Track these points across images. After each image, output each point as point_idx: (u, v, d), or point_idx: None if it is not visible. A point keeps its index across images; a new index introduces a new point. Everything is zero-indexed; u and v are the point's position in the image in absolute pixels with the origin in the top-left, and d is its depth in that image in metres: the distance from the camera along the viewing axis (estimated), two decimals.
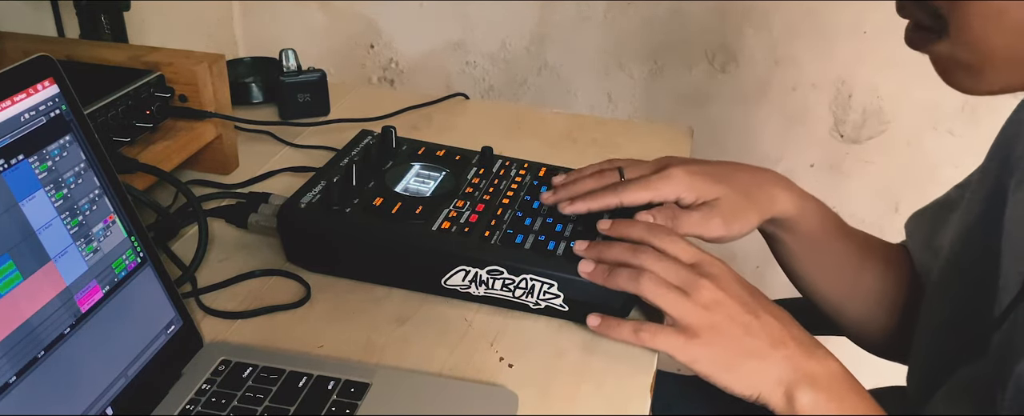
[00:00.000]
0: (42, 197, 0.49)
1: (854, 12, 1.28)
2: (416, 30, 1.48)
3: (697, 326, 0.57)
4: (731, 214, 0.66)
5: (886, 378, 0.84)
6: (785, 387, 0.55)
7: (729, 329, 0.56)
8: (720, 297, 0.57)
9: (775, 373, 0.55)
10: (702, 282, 0.58)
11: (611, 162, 0.73)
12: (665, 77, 1.41)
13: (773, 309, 0.59)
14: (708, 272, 0.59)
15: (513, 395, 0.58)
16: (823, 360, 0.56)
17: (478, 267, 0.65)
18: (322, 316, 0.66)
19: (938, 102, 1.31)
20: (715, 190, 0.66)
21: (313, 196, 0.70)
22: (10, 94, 0.48)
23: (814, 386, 0.55)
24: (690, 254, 0.60)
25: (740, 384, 0.56)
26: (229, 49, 1.48)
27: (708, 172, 0.67)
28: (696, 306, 0.57)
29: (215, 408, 0.54)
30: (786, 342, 0.56)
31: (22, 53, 0.65)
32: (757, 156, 1.43)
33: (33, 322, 0.47)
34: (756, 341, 0.56)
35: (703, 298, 0.57)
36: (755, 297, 0.59)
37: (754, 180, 0.69)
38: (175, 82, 0.81)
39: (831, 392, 0.55)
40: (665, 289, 0.58)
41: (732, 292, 0.58)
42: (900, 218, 0.90)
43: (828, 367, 0.56)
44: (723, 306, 0.57)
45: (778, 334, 0.57)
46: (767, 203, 0.68)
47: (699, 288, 0.57)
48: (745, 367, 0.56)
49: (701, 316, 0.57)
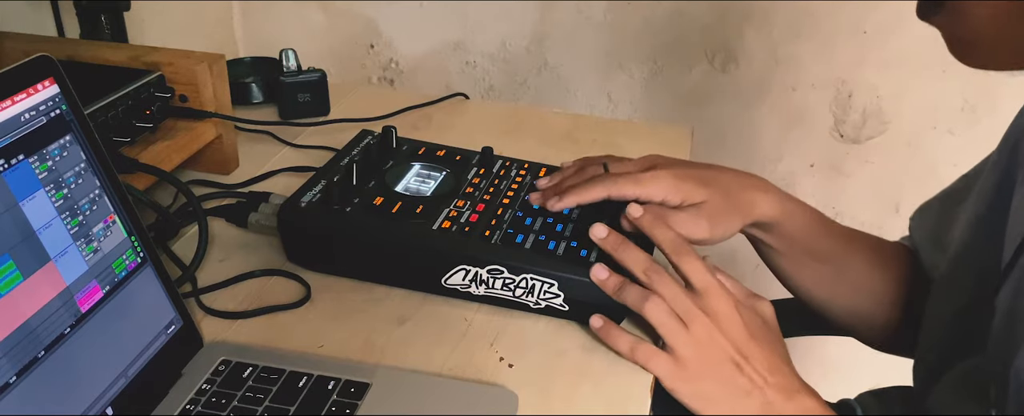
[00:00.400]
0: (42, 197, 0.49)
1: (854, 12, 1.28)
2: (416, 30, 1.48)
3: (688, 359, 0.59)
4: (715, 217, 0.67)
5: (890, 378, 0.84)
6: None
7: (717, 368, 0.59)
8: (715, 335, 0.59)
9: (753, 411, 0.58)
10: (702, 318, 0.60)
11: (590, 159, 0.74)
12: (665, 77, 1.41)
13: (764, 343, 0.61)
14: (711, 307, 0.60)
15: (513, 395, 0.58)
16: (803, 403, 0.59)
17: (478, 267, 0.65)
18: (322, 316, 0.66)
19: (938, 102, 1.31)
20: (701, 193, 0.67)
21: (313, 196, 0.70)
22: (10, 94, 0.48)
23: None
24: (702, 281, 0.61)
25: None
26: (229, 49, 1.48)
27: (694, 175, 0.68)
28: (691, 339, 0.59)
29: (215, 408, 0.54)
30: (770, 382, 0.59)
31: (22, 53, 0.65)
32: (757, 156, 1.43)
33: (33, 322, 0.47)
34: (742, 380, 0.59)
35: (699, 333, 0.60)
36: (751, 335, 0.60)
37: (737, 184, 0.70)
38: (175, 82, 0.81)
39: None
40: (667, 317, 0.60)
41: (729, 331, 0.60)
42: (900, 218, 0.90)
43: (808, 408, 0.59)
44: (717, 344, 0.59)
45: (763, 373, 0.59)
46: (749, 207, 0.69)
47: (697, 323, 0.60)
48: (726, 402, 0.59)
49: (694, 351, 0.59)
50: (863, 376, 0.95)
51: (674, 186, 0.66)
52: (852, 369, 1.17)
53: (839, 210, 1.44)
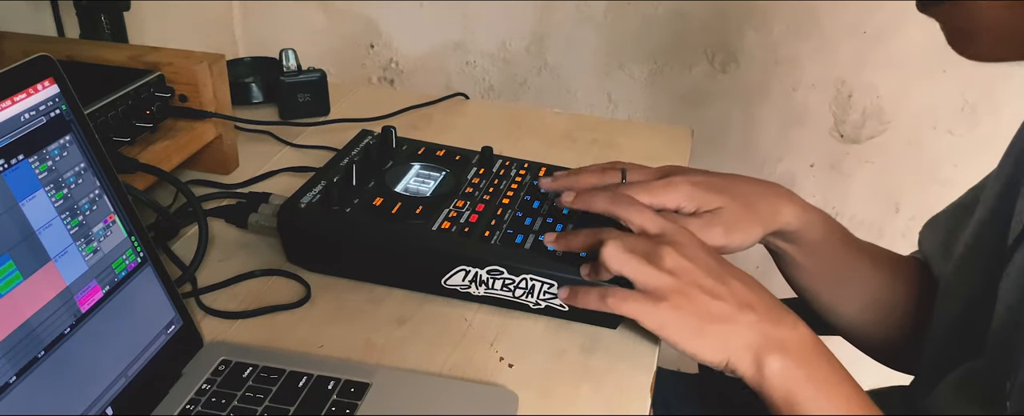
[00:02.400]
0: (42, 197, 0.49)
1: (854, 12, 1.28)
2: (416, 30, 1.48)
3: (663, 290, 0.57)
4: (732, 224, 0.66)
5: (890, 378, 0.84)
6: (754, 353, 0.55)
7: (695, 294, 0.56)
8: (684, 263, 0.57)
9: (743, 338, 0.55)
10: (665, 249, 0.58)
11: (615, 164, 0.73)
12: (665, 77, 1.41)
13: (740, 275, 0.59)
14: (672, 240, 0.59)
15: (513, 395, 0.58)
16: (793, 326, 0.56)
17: (478, 267, 0.65)
18: (322, 316, 0.66)
19: (938, 102, 1.31)
20: (716, 200, 0.66)
21: (313, 196, 0.70)
22: (10, 94, 0.48)
23: (784, 352, 0.55)
24: (655, 224, 0.61)
25: (708, 350, 0.56)
26: (229, 49, 1.48)
27: (710, 183, 0.67)
28: (661, 272, 0.57)
29: (215, 408, 0.54)
30: (754, 306, 0.56)
31: (22, 53, 0.65)
32: (757, 156, 1.43)
33: (33, 322, 0.47)
34: (723, 305, 0.56)
35: (667, 264, 0.57)
36: (721, 264, 0.59)
37: (758, 192, 0.69)
38: (175, 82, 0.81)
39: (801, 359, 0.55)
40: (628, 256, 0.58)
41: (697, 258, 0.58)
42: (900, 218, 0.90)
43: (798, 333, 0.56)
44: (688, 271, 0.57)
45: (746, 298, 0.57)
46: (771, 215, 0.68)
47: (662, 255, 0.57)
48: (712, 331, 0.56)
49: (666, 281, 0.57)
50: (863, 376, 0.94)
51: (688, 193, 0.66)
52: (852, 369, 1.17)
53: (839, 210, 1.44)
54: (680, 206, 0.66)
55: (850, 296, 0.75)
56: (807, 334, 0.56)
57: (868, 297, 0.75)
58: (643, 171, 0.71)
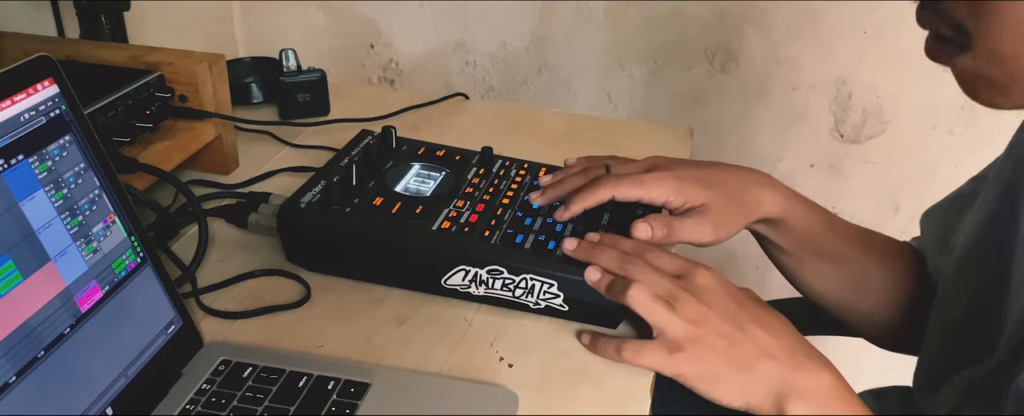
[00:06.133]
0: (42, 197, 0.49)
1: (854, 12, 1.28)
2: (416, 30, 1.48)
3: (681, 340, 0.57)
4: (719, 219, 0.66)
5: (890, 378, 0.84)
6: (774, 400, 0.55)
7: (714, 342, 0.57)
8: (704, 310, 0.58)
9: (763, 385, 0.56)
10: (687, 296, 0.58)
11: (593, 159, 0.73)
12: (665, 77, 1.41)
13: (763, 319, 0.59)
14: (695, 285, 0.59)
15: (513, 395, 0.58)
16: (814, 372, 0.56)
17: (478, 267, 0.65)
18: (322, 316, 0.66)
19: (938, 102, 1.31)
20: (703, 195, 0.66)
21: (313, 196, 0.70)
22: (10, 94, 0.48)
23: (804, 400, 0.55)
24: (677, 266, 0.61)
25: (727, 396, 0.56)
26: (229, 49, 1.48)
27: (696, 177, 0.67)
28: (681, 320, 0.57)
29: (215, 408, 0.54)
30: (774, 354, 0.56)
31: (22, 53, 0.65)
32: (757, 156, 1.43)
33: (33, 322, 0.47)
34: (742, 352, 0.56)
35: (688, 312, 0.58)
36: (743, 308, 0.59)
37: (740, 182, 0.69)
38: (175, 82, 0.81)
39: (822, 406, 0.55)
40: (653, 302, 0.58)
41: (718, 305, 0.58)
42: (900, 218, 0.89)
43: (819, 379, 0.56)
44: (708, 319, 0.57)
45: (766, 346, 0.57)
46: (753, 205, 0.68)
47: (684, 301, 0.58)
48: (731, 379, 0.56)
49: (686, 330, 0.57)
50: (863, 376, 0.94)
51: (676, 188, 0.66)
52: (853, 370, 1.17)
53: (839, 210, 1.44)
54: (668, 201, 0.66)
55: (837, 280, 0.76)
56: (829, 380, 0.56)
57: (855, 280, 0.76)
58: (627, 164, 0.71)
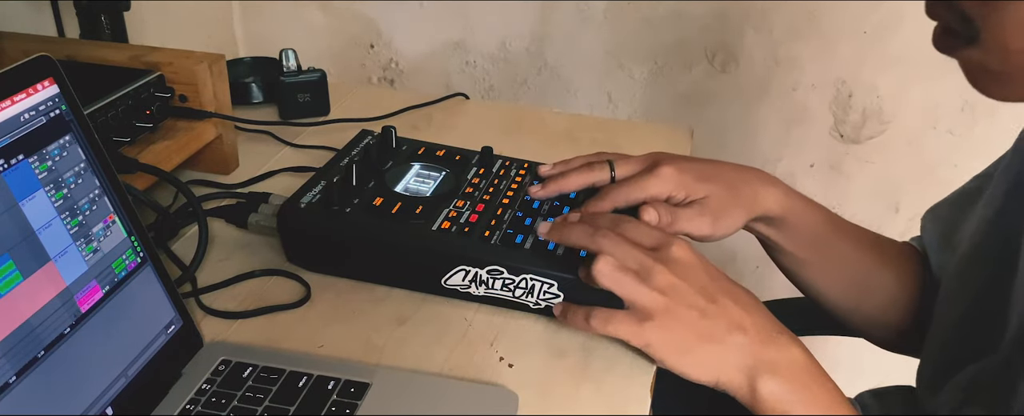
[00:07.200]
0: (42, 197, 0.49)
1: (854, 12, 1.28)
2: (416, 30, 1.48)
3: (651, 309, 0.56)
4: (719, 212, 0.66)
5: (892, 378, 0.84)
6: (746, 374, 0.55)
7: (684, 313, 0.56)
8: (676, 282, 0.57)
9: (733, 359, 0.55)
10: (658, 267, 0.57)
11: (600, 155, 0.73)
12: (665, 77, 1.41)
13: (735, 294, 0.58)
14: (668, 257, 0.58)
15: (513, 395, 0.58)
16: (785, 347, 0.56)
17: (478, 267, 0.65)
18: (322, 316, 0.66)
19: (938, 102, 1.31)
20: (704, 188, 0.66)
21: (313, 196, 0.70)
22: (10, 94, 0.48)
23: (775, 374, 0.54)
24: (654, 239, 0.60)
25: (696, 369, 0.56)
26: (229, 49, 1.48)
27: (697, 170, 0.67)
28: (651, 290, 0.57)
29: (215, 408, 0.54)
30: (745, 327, 0.56)
31: (22, 53, 0.65)
32: (757, 156, 1.43)
33: (33, 322, 0.47)
34: (713, 325, 0.56)
35: (658, 282, 0.57)
36: (716, 281, 0.58)
37: (741, 178, 0.69)
38: (175, 82, 0.81)
39: (794, 381, 0.55)
40: (621, 274, 0.57)
41: (690, 276, 0.57)
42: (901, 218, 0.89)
43: (791, 355, 0.55)
44: (678, 290, 0.57)
45: (737, 319, 0.56)
46: (752, 201, 0.68)
47: (655, 273, 0.57)
48: (700, 351, 0.55)
49: (655, 300, 0.56)
50: (864, 376, 0.95)
51: (677, 181, 0.66)
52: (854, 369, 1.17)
53: (839, 210, 1.43)
54: (670, 195, 0.66)
55: (839, 280, 0.75)
56: (800, 356, 0.56)
57: (857, 280, 0.76)
58: (629, 161, 0.71)
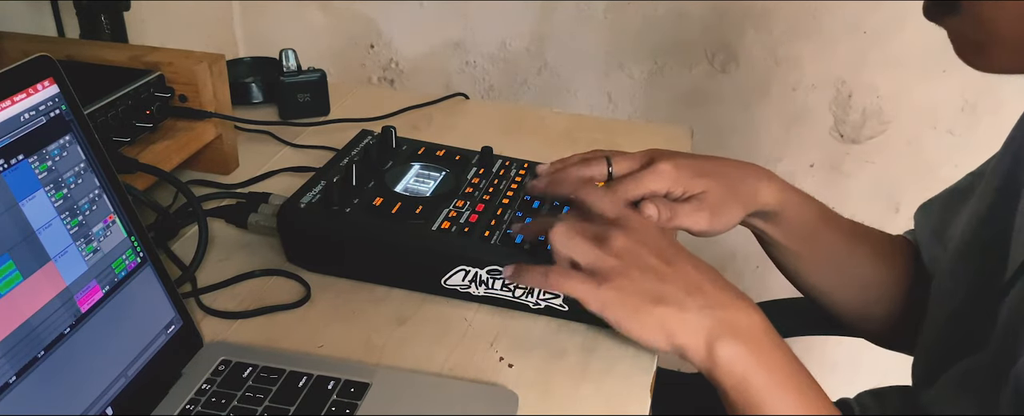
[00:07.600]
0: (42, 197, 0.49)
1: (854, 12, 1.28)
2: (416, 30, 1.48)
3: (607, 271, 0.55)
4: (717, 208, 0.66)
5: (890, 378, 0.84)
6: (704, 338, 0.53)
7: (639, 275, 0.55)
8: (632, 245, 0.56)
9: (691, 321, 0.54)
10: (615, 232, 0.57)
11: (597, 152, 0.73)
12: (665, 77, 1.41)
13: (693, 260, 0.58)
14: (625, 224, 0.58)
15: (513, 395, 0.58)
16: (744, 311, 0.55)
17: (478, 267, 0.65)
18: (322, 316, 0.66)
19: (938, 102, 1.31)
20: (701, 184, 0.66)
21: (313, 196, 0.70)
22: (10, 94, 0.48)
23: (735, 337, 0.53)
24: (614, 209, 0.60)
25: (653, 333, 0.54)
26: (229, 49, 1.48)
27: (694, 166, 0.67)
28: (607, 253, 0.56)
29: (215, 408, 0.54)
30: (704, 290, 0.55)
31: (22, 53, 0.65)
32: (757, 156, 1.43)
33: (33, 322, 0.47)
34: (669, 288, 0.54)
35: (615, 246, 0.56)
36: (674, 247, 0.58)
37: (738, 173, 0.69)
38: (175, 82, 0.81)
39: (753, 344, 0.53)
40: (575, 238, 0.57)
41: (647, 242, 0.57)
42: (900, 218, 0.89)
43: (750, 318, 0.54)
44: (635, 254, 0.56)
45: (694, 281, 0.55)
46: (750, 196, 0.68)
47: (612, 237, 0.57)
48: (654, 313, 0.54)
49: (611, 262, 0.56)
50: (864, 376, 0.95)
51: (674, 177, 0.66)
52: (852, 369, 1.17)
53: (839, 210, 1.42)
54: (669, 190, 0.66)
55: (835, 275, 0.76)
56: (759, 321, 0.55)
57: (853, 275, 0.76)
58: (627, 158, 0.71)
